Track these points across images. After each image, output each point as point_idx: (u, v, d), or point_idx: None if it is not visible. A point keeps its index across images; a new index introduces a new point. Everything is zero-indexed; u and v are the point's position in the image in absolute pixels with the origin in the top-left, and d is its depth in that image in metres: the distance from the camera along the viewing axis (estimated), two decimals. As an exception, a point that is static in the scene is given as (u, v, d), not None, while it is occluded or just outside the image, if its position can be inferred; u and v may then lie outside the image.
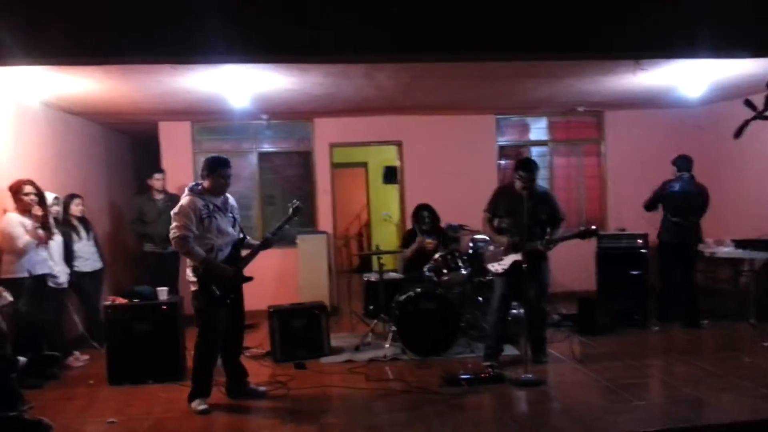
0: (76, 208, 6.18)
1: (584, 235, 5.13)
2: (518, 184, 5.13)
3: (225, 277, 4.41)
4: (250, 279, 4.64)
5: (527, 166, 5.15)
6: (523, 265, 4.94)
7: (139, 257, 7.58)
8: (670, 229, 6.62)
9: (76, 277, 6.01)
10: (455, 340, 5.74)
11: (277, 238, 4.76)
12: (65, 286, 5.79)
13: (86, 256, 6.19)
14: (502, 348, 5.48)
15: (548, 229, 5.22)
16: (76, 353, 5.88)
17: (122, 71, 5.16)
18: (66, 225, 6.04)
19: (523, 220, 4.89)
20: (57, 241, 5.69)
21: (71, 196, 6.19)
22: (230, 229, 4.54)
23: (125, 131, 8.77)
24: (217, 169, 4.46)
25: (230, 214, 4.58)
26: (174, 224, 4.31)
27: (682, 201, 6.54)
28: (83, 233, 6.22)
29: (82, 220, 6.29)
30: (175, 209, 4.38)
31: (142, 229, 7.21)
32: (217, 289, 4.39)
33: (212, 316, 4.46)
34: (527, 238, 4.95)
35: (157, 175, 7.35)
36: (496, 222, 5.40)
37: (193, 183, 4.53)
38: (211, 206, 4.42)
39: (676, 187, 6.60)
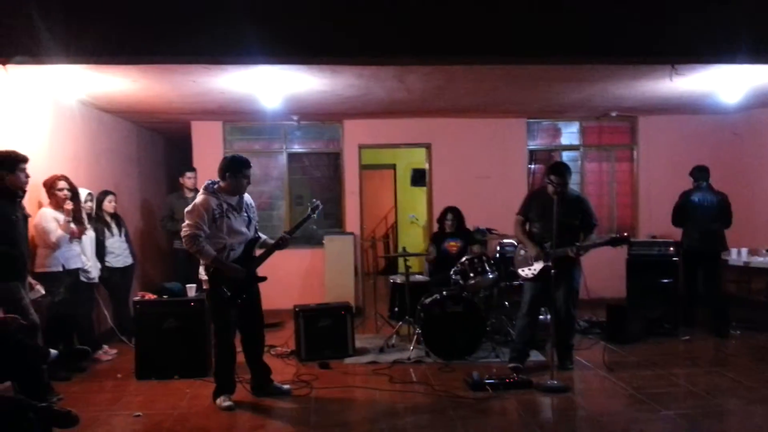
0: (108, 205, 6.29)
1: (615, 242, 5.04)
2: (550, 189, 5.08)
3: (235, 277, 4.39)
4: (263, 279, 4.61)
5: (559, 170, 5.09)
6: (552, 271, 4.90)
7: (169, 254, 7.70)
8: (693, 237, 6.66)
9: (107, 272, 6.13)
10: (480, 344, 5.70)
11: (293, 237, 4.69)
12: (96, 280, 5.91)
13: (117, 252, 6.30)
14: (529, 353, 5.43)
15: (581, 235, 5.15)
16: (105, 347, 5.99)
17: (158, 71, 5.24)
18: (98, 221, 6.15)
19: (553, 225, 4.84)
20: (89, 236, 5.81)
21: (104, 193, 6.30)
22: (243, 229, 4.51)
23: (158, 130, 8.92)
24: (241, 170, 4.45)
25: (245, 214, 4.55)
26: (186, 222, 4.31)
27: (702, 210, 6.62)
28: (115, 229, 6.33)
29: (115, 216, 6.40)
30: (189, 207, 4.37)
31: (173, 226, 7.31)
32: (227, 290, 4.38)
33: (224, 315, 4.48)
34: (558, 243, 4.90)
35: (189, 174, 7.46)
36: (527, 226, 5.36)
37: (209, 182, 4.51)
38: (225, 206, 4.40)
39: (696, 197, 6.68)
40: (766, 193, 7.78)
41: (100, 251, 6.06)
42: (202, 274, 4.48)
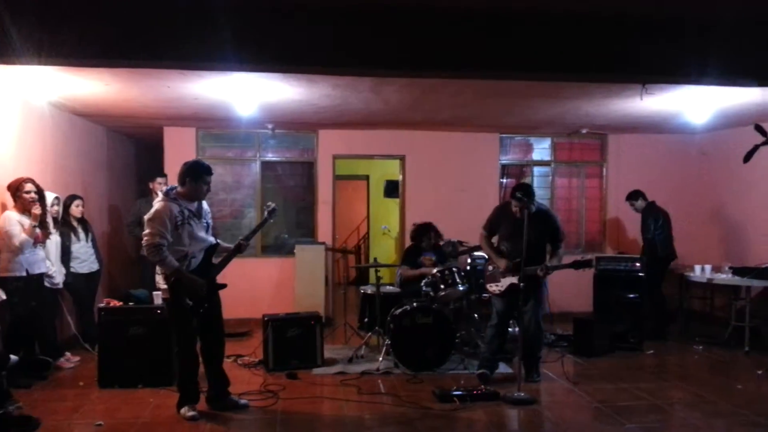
0: (76, 209, 6.19)
1: (578, 265, 5.07)
2: (514, 209, 5.13)
3: (196, 290, 4.32)
4: (223, 286, 4.56)
5: (521, 192, 5.09)
6: (521, 285, 4.95)
7: (136, 261, 7.56)
8: (667, 249, 7.16)
9: (72, 277, 6.01)
10: (449, 356, 5.72)
11: (249, 243, 4.68)
12: (60, 286, 5.80)
13: (83, 257, 6.19)
14: (497, 363, 5.46)
15: (548, 248, 5.22)
16: (68, 354, 5.87)
17: (131, 75, 5.18)
18: (65, 225, 6.04)
19: (522, 245, 4.88)
20: (54, 241, 5.70)
21: (72, 197, 6.20)
22: (204, 235, 4.47)
23: (130, 134, 8.81)
24: (202, 176, 4.40)
25: (204, 220, 4.51)
26: (147, 230, 4.21)
27: (668, 224, 7.24)
28: (82, 234, 6.22)
29: (82, 221, 6.29)
30: (149, 215, 4.28)
31: (141, 232, 7.11)
32: (189, 300, 4.32)
33: (186, 324, 4.41)
34: (527, 262, 4.95)
35: (160, 179, 7.31)
36: (495, 241, 5.41)
37: (168, 188, 4.46)
38: (186, 212, 4.34)
39: (660, 213, 7.28)
40: (730, 211, 7.98)
41: (66, 256, 5.95)
42: (160, 282, 4.39)
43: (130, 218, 7.28)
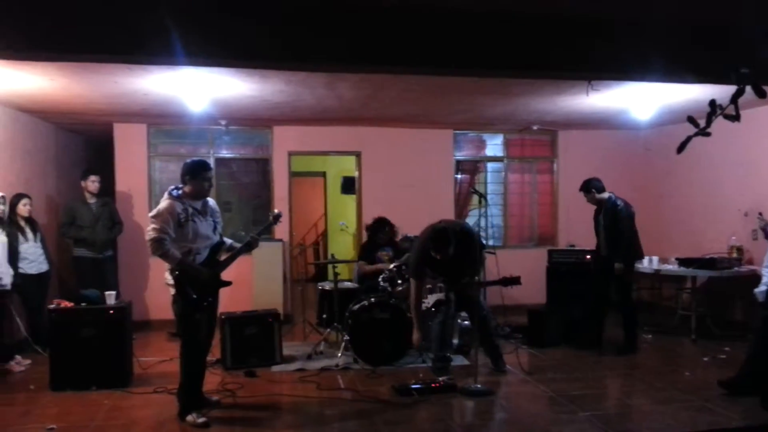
0: (23, 209, 6.00)
1: (506, 282, 5.24)
2: (433, 254, 5.15)
3: (200, 279, 4.35)
4: (228, 283, 4.59)
5: (438, 244, 5.11)
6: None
7: (70, 262, 7.28)
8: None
9: (20, 279, 5.84)
10: (407, 350, 5.77)
11: (257, 242, 4.77)
12: (9, 288, 5.62)
13: (32, 258, 6.02)
14: (450, 357, 5.53)
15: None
16: (18, 357, 5.71)
17: (77, 69, 5.04)
18: (12, 225, 5.86)
19: (453, 275, 5.26)
20: (1, 241, 5.52)
21: (19, 196, 6.02)
22: (209, 233, 4.49)
23: (79, 131, 8.57)
24: (200, 173, 4.44)
25: (210, 218, 4.53)
26: (151, 227, 4.26)
27: None
28: (30, 234, 6.04)
29: (30, 220, 6.11)
30: (153, 212, 4.34)
31: (77, 233, 6.83)
32: (193, 292, 4.32)
33: (191, 320, 4.39)
34: (456, 286, 5.30)
35: (93, 177, 6.97)
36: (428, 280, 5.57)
37: (172, 187, 4.49)
38: (190, 210, 4.37)
39: None
40: (675, 205, 8.26)
41: (13, 257, 5.77)
42: (168, 279, 4.40)
43: (63, 220, 6.94)
